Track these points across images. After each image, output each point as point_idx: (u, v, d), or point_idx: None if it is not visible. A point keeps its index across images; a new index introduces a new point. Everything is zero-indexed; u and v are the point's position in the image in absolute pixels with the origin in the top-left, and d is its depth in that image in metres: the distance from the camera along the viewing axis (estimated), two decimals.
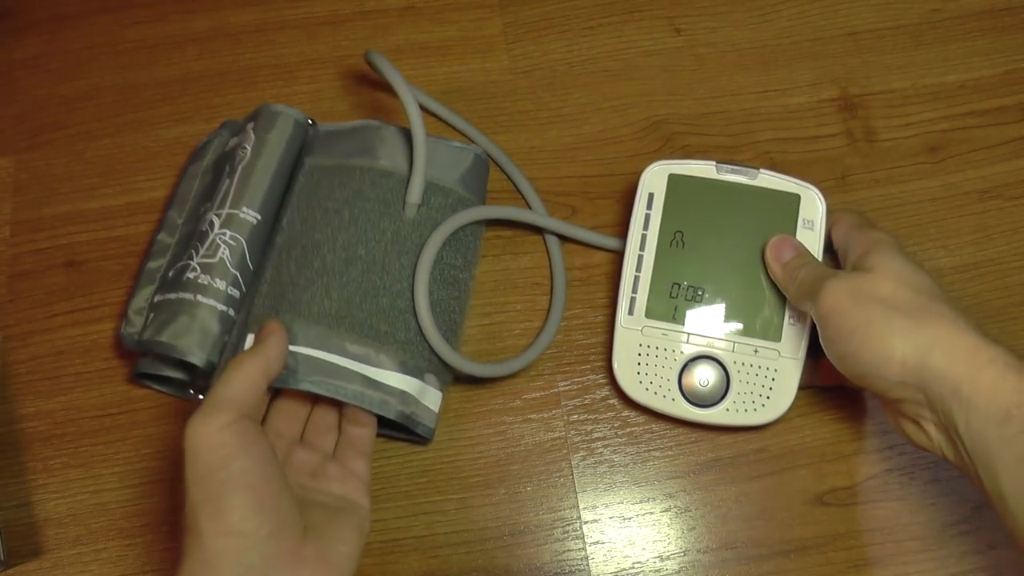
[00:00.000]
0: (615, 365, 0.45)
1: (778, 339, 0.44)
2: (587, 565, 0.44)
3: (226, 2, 0.56)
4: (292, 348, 0.41)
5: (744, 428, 0.45)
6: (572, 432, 0.46)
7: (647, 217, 0.46)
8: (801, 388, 0.43)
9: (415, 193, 0.44)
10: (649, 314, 0.45)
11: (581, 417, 0.46)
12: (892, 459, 0.45)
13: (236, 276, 0.44)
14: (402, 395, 0.42)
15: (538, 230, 0.50)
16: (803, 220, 0.45)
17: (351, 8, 0.56)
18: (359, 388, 0.41)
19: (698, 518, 0.44)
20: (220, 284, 0.43)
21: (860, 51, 0.53)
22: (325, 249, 0.43)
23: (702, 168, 0.46)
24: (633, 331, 0.45)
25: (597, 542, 0.44)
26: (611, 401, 0.46)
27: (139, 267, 0.48)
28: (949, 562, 0.43)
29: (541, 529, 0.44)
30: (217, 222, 0.45)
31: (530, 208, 0.50)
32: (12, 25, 0.56)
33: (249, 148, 0.46)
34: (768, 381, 0.44)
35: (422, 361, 0.43)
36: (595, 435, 0.46)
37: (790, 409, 0.43)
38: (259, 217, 0.45)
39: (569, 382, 0.47)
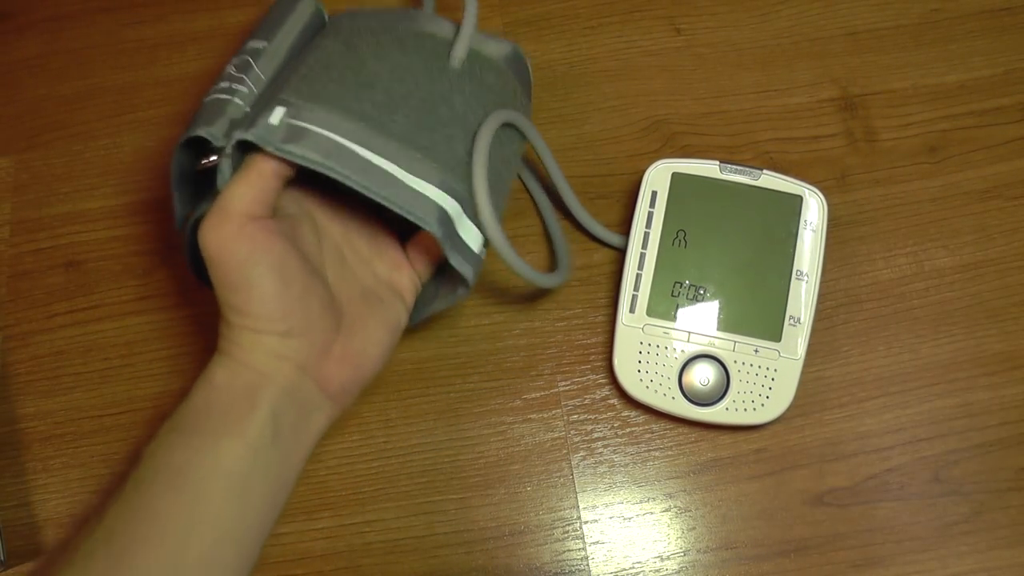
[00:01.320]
0: (616, 363, 0.45)
1: (778, 339, 0.44)
2: (587, 565, 0.44)
3: (226, 2, 0.56)
4: (325, 132, 0.37)
5: (744, 427, 0.45)
6: (572, 432, 0.46)
7: (650, 215, 0.46)
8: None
9: (462, 46, 0.42)
10: (651, 312, 0.45)
11: (581, 417, 0.46)
12: (892, 459, 0.45)
13: (242, 77, 0.40)
14: (440, 212, 0.38)
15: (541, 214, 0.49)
16: (805, 221, 0.45)
17: (350, 8, 0.55)
18: (392, 190, 0.37)
19: (698, 518, 0.44)
20: (224, 84, 0.40)
21: (860, 51, 0.53)
22: (370, 67, 0.40)
23: (705, 167, 0.46)
24: (634, 329, 0.45)
25: (597, 542, 0.44)
26: (611, 401, 0.46)
27: None
28: (949, 562, 0.43)
29: (541, 529, 0.44)
30: (227, 67, 0.42)
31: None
32: (12, 25, 0.56)
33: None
34: (768, 381, 0.44)
35: (464, 191, 0.39)
36: (595, 435, 0.46)
37: (789, 409, 0.44)
38: (266, 43, 0.42)
39: (569, 382, 0.47)
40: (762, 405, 0.44)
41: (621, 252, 0.48)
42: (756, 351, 0.44)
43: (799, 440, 0.45)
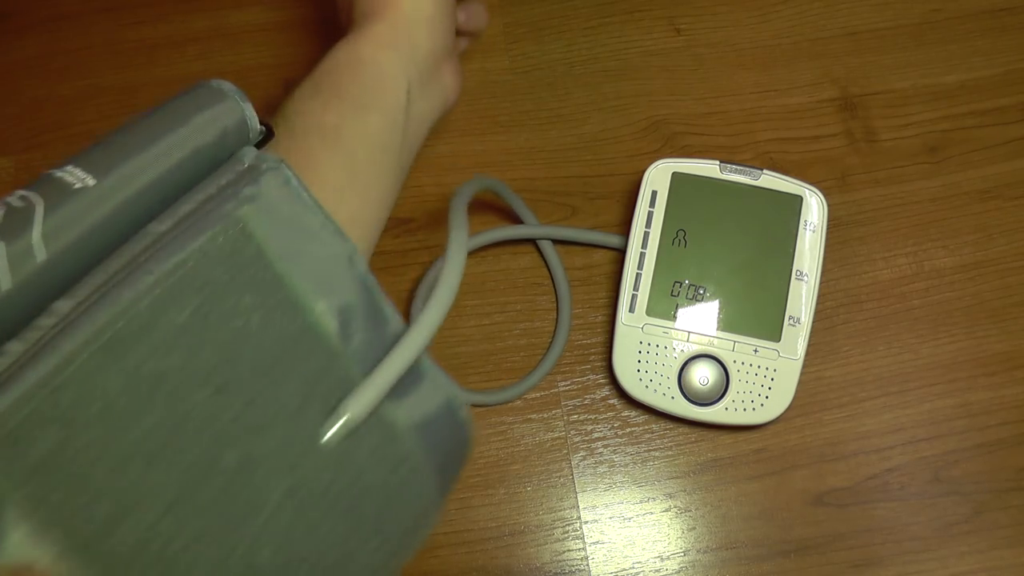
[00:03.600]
0: (615, 362, 0.45)
1: (777, 339, 0.44)
2: (587, 565, 0.44)
3: (226, 2, 0.56)
4: None
5: (743, 427, 0.45)
6: (572, 432, 0.46)
7: (650, 215, 0.46)
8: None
9: (362, 402, 0.25)
10: (650, 312, 0.45)
11: (581, 417, 0.46)
12: (892, 459, 0.45)
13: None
14: None
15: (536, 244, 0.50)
16: (805, 221, 0.45)
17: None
18: None
19: (698, 518, 0.44)
20: None
21: (860, 51, 0.53)
22: (168, 415, 0.23)
23: (706, 167, 0.46)
24: (634, 329, 0.45)
25: (597, 542, 0.44)
26: (611, 401, 0.46)
27: None
28: (949, 562, 0.43)
29: (541, 529, 0.44)
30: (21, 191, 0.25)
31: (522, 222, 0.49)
32: (12, 25, 0.56)
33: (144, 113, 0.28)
34: (767, 381, 0.44)
35: None
36: (595, 435, 0.46)
37: (789, 409, 0.44)
38: (93, 181, 0.25)
39: (569, 382, 0.47)
40: (761, 405, 0.44)
41: (620, 252, 0.48)
42: (756, 351, 0.44)
43: (799, 440, 0.45)
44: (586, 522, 0.44)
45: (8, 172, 0.52)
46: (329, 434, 0.25)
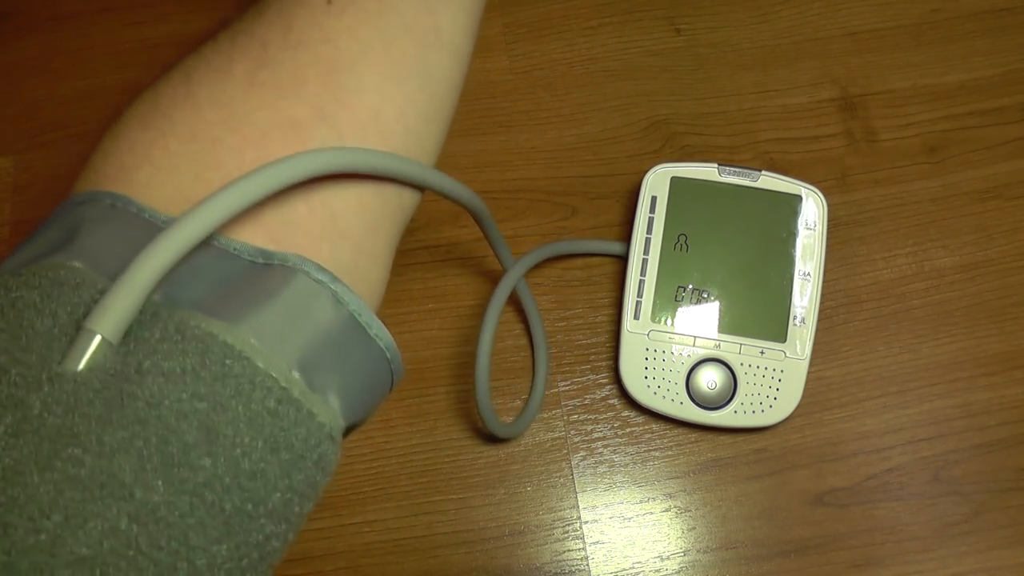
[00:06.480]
0: (622, 370, 0.45)
1: (783, 340, 0.44)
2: (587, 565, 0.44)
3: (226, 2, 0.56)
4: None
5: (752, 429, 0.45)
6: (572, 432, 0.46)
7: (650, 220, 0.46)
8: None
9: (111, 316, 0.20)
10: (655, 318, 0.45)
11: (581, 417, 0.46)
12: (892, 459, 0.45)
13: None
14: None
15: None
16: (804, 221, 0.45)
17: None
18: None
19: (698, 518, 0.44)
20: None
21: (860, 51, 0.53)
22: None
23: (704, 171, 0.46)
24: (639, 336, 0.45)
25: (597, 542, 0.44)
26: (611, 401, 0.46)
27: None
28: (949, 562, 0.43)
29: (541, 529, 0.44)
30: None
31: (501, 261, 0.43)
32: (12, 25, 0.56)
33: None
34: (775, 382, 0.44)
35: None
36: (595, 435, 0.46)
37: (797, 409, 0.44)
38: None
39: (569, 382, 0.47)
40: (770, 407, 0.44)
41: (623, 257, 0.48)
42: (762, 352, 0.44)
43: (799, 440, 0.45)
44: (586, 522, 0.44)
45: (8, 172, 0.52)
46: (73, 360, 0.19)
